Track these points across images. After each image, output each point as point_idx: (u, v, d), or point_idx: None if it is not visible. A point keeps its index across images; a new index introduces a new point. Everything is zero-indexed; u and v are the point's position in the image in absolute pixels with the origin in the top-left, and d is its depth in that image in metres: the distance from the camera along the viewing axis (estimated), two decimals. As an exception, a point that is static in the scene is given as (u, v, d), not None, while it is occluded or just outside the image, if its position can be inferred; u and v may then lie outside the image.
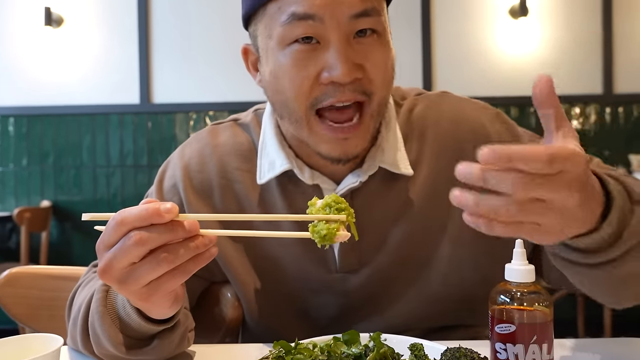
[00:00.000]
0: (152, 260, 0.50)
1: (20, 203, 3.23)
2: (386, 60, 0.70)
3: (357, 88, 0.67)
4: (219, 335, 0.84)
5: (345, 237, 0.52)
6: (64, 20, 3.23)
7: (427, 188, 0.76)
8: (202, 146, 0.82)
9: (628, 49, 3.17)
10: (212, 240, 0.52)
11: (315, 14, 0.65)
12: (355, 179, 0.74)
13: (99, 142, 3.23)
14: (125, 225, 0.50)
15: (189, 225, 0.51)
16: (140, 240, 0.49)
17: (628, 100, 3.17)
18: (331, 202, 0.53)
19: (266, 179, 0.76)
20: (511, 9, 3.16)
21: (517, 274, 0.55)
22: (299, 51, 0.67)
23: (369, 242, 0.76)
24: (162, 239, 0.50)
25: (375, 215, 0.76)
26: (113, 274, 0.51)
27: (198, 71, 3.22)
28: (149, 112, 3.22)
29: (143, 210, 0.50)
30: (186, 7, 3.23)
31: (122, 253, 0.50)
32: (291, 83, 0.68)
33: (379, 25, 0.68)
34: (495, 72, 3.17)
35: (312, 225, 0.52)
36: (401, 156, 0.76)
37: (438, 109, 0.80)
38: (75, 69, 3.24)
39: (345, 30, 0.66)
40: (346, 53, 0.65)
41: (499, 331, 0.55)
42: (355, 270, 0.76)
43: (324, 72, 0.66)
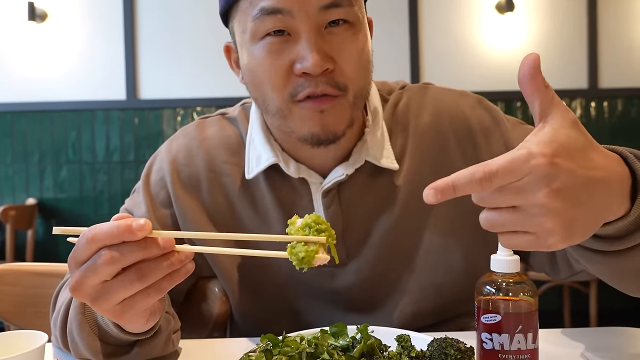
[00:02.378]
0: (124, 278, 0.49)
1: (5, 201, 3.18)
2: (359, 50, 0.69)
3: (329, 81, 0.67)
4: (207, 330, 0.84)
5: (324, 261, 0.50)
6: (48, 15, 3.18)
7: (410, 180, 0.76)
8: (190, 140, 0.82)
9: (613, 44, 3.21)
10: (188, 257, 0.51)
11: (283, 7, 0.65)
12: (342, 172, 0.74)
13: (85, 139, 3.20)
14: (95, 242, 0.48)
15: (164, 242, 0.49)
16: (110, 259, 0.48)
17: (613, 95, 3.21)
18: (311, 222, 0.51)
19: (253, 174, 0.75)
20: (498, 4, 3.18)
21: (503, 265, 0.56)
22: (271, 43, 0.67)
23: (355, 235, 0.76)
24: (135, 257, 0.48)
25: (361, 209, 0.76)
26: (84, 291, 0.50)
27: (185, 67, 3.20)
28: (136, 108, 3.19)
29: (114, 227, 0.48)
30: (172, 2, 3.20)
31: (92, 271, 0.49)
32: (266, 75, 0.68)
33: (352, 15, 0.68)
34: (482, 67, 3.19)
35: (290, 246, 0.50)
36: (387, 150, 0.76)
37: (419, 101, 0.80)
38: (60, 64, 3.19)
39: (315, 21, 0.66)
40: (317, 43, 0.65)
41: (484, 321, 0.56)
42: (343, 264, 0.76)
43: (297, 63, 0.66)
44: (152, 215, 0.77)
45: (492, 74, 3.19)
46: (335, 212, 0.75)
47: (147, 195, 0.79)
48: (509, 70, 3.18)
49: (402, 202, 0.76)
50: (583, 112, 3.20)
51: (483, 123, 0.79)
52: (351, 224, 0.76)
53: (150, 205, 0.78)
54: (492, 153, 0.77)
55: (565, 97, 3.19)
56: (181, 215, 0.77)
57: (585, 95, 3.20)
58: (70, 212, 3.20)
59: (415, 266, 0.77)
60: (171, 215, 0.78)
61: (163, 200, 0.79)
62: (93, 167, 3.20)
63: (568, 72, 3.20)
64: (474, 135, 0.78)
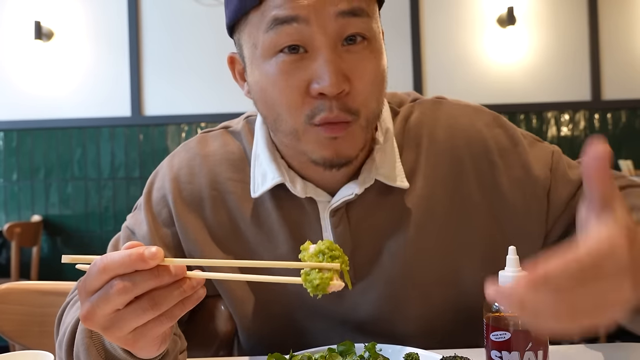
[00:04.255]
0: (137, 307, 0.48)
1: (10, 218, 3.19)
2: (375, 71, 0.66)
3: (343, 106, 0.64)
4: (213, 349, 0.83)
5: (339, 287, 0.50)
6: (54, 34, 3.22)
7: (423, 200, 0.74)
8: (192, 156, 0.79)
9: (615, 55, 3.22)
10: (199, 283, 0.50)
11: (298, 15, 0.61)
12: (351, 192, 0.71)
13: (90, 156, 3.22)
14: (107, 272, 0.48)
15: (175, 269, 0.49)
16: (123, 289, 0.47)
17: (616, 107, 3.21)
18: (325, 248, 0.50)
19: (259, 193, 0.73)
20: (499, 18, 3.20)
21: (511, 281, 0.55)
22: (285, 62, 0.63)
23: (364, 256, 0.74)
24: (147, 286, 0.48)
25: (371, 229, 0.74)
26: (96, 320, 0.49)
27: (189, 83, 3.22)
28: (141, 124, 3.21)
29: (126, 256, 0.47)
30: (177, 19, 3.24)
31: (105, 301, 0.48)
32: (280, 96, 0.65)
33: (369, 30, 0.65)
34: (485, 80, 3.20)
35: (305, 272, 0.50)
36: (398, 168, 0.73)
37: (433, 117, 0.78)
38: (65, 82, 3.23)
39: (332, 32, 0.62)
40: (334, 62, 0.62)
41: (494, 339, 0.55)
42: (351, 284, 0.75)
43: (313, 83, 0.63)
44: (154, 234, 0.76)
45: (494, 87, 3.20)
46: (343, 231, 0.73)
47: (149, 214, 0.78)
48: (512, 83, 3.19)
49: (414, 223, 0.74)
50: (587, 124, 3.20)
51: (500, 143, 0.76)
52: (360, 244, 0.73)
53: (152, 224, 0.77)
54: (509, 175, 0.75)
55: (568, 109, 3.19)
56: (183, 234, 0.76)
57: (589, 107, 3.20)
58: (76, 228, 3.20)
59: (426, 287, 0.75)
60: (173, 234, 0.77)
61: (165, 219, 0.77)
62: (98, 184, 3.22)
63: (571, 84, 3.21)
64: (491, 156, 0.75)
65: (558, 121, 3.20)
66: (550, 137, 3.18)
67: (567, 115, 3.21)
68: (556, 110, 3.19)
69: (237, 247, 0.76)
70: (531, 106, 3.18)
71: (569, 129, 3.20)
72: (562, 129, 3.20)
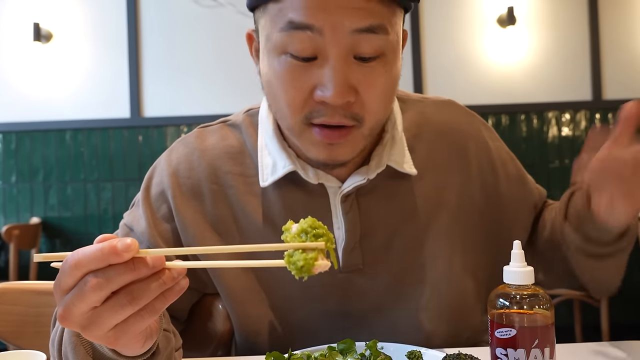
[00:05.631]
0: (115, 303, 0.45)
1: (9, 220, 3.18)
2: (386, 85, 0.66)
3: (347, 113, 0.64)
4: (211, 348, 0.82)
5: (325, 267, 0.46)
6: (53, 36, 3.21)
7: (434, 192, 0.76)
8: (190, 150, 0.79)
9: (616, 54, 3.21)
10: (180, 273, 0.47)
11: (313, 25, 0.61)
12: (362, 177, 0.72)
13: (89, 157, 3.20)
14: (79, 268, 0.45)
15: (153, 261, 0.46)
16: (97, 285, 0.44)
17: (617, 106, 3.17)
18: (307, 227, 0.47)
19: (269, 182, 0.72)
20: (499, 18, 3.19)
21: (516, 276, 0.54)
22: (293, 64, 0.63)
23: (374, 242, 0.74)
24: (123, 280, 0.45)
25: (381, 215, 0.74)
26: (73, 319, 0.46)
27: (189, 84, 3.21)
28: (140, 126, 3.20)
29: (98, 250, 0.44)
30: (176, 20, 3.23)
31: (79, 299, 0.45)
32: (284, 94, 0.65)
33: (385, 46, 0.63)
34: (485, 80, 3.19)
35: (288, 254, 0.46)
36: (406, 156, 0.75)
37: (448, 118, 0.81)
38: (64, 84, 3.21)
39: (345, 46, 0.62)
40: (342, 73, 0.61)
41: (499, 336, 0.54)
42: (359, 270, 0.74)
43: (317, 89, 0.63)
44: (152, 230, 0.75)
45: (495, 87, 3.18)
46: (354, 217, 0.73)
47: (147, 210, 0.76)
48: (512, 83, 3.17)
49: (425, 214, 0.75)
50: (588, 124, 3.19)
51: (501, 156, 0.82)
52: (370, 230, 0.74)
53: (150, 220, 0.75)
54: (509, 186, 0.81)
55: (569, 109, 3.18)
56: (183, 230, 0.75)
57: (590, 107, 3.18)
58: (75, 230, 3.19)
59: (433, 279, 0.75)
60: (172, 229, 0.76)
61: (164, 214, 0.76)
62: (97, 186, 3.20)
63: (571, 84, 3.19)
64: (495, 166, 0.80)
65: (559, 121, 3.19)
66: (551, 137, 3.17)
67: (568, 115, 3.20)
68: (557, 110, 3.18)
69: (240, 242, 0.75)
70: (532, 106, 3.16)
71: (570, 129, 3.19)
72: (563, 129, 3.18)
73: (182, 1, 3.22)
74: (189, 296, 0.79)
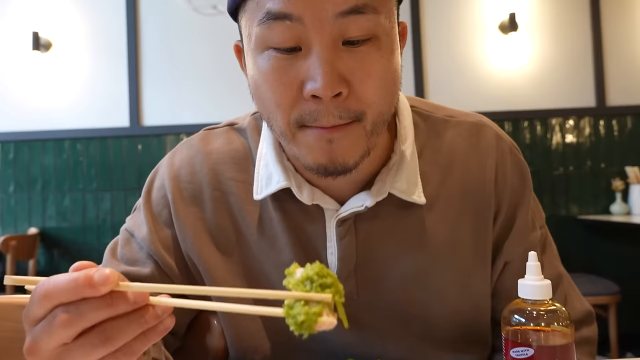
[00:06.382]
0: (85, 342, 0.40)
1: (6, 231, 3.14)
2: (383, 69, 0.57)
3: (342, 112, 0.56)
4: (206, 366, 0.78)
5: (329, 326, 0.39)
6: (52, 45, 3.20)
7: (444, 225, 0.68)
8: (193, 153, 0.74)
9: (619, 60, 3.18)
10: (165, 311, 0.41)
11: (291, 13, 0.54)
12: (361, 203, 0.64)
13: (88, 167, 3.17)
14: (49, 299, 0.40)
15: (135, 296, 0.40)
16: (67, 321, 0.39)
17: (621, 112, 3.16)
18: (313, 274, 0.40)
19: (262, 196, 0.68)
20: (501, 25, 3.17)
21: (532, 291, 0.50)
22: (277, 58, 0.57)
23: (370, 272, 0.68)
24: (97, 317, 0.39)
25: (382, 243, 0.68)
26: (41, 355, 0.41)
27: (188, 93, 3.19)
28: (139, 134, 3.17)
29: (72, 282, 0.39)
30: (175, 28, 3.21)
31: (47, 334, 0.40)
32: (272, 93, 0.58)
33: (376, 28, 0.56)
34: (487, 87, 3.16)
35: (287, 305, 0.39)
36: (416, 182, 0.67)
37: (472, 143, 0.71)
38: (63, 93, 3.19)
39: (330, 32, 0.55)
40: (329, 60, 0.54)
41: (514, 355, 0.50)
42: (352, 300, 0.68)
43: (307, 83, 0.56)
44: (154, 236, 0.71)
45: (497, 94, 3.16)
46: (349, 243, 0.67)
47: (149, 215, 0.72)
48: (515, 90, 3.14)
49: (431, 247, 0.68)
50: (592, 130, 3.15)
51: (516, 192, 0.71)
52: (367, 258, 0.67)
53: (152, 226, 0.71)
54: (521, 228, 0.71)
55: (573, 115, 3.15)
56: (182, 235, 0.71)
57: (594, 113, 3.15)
58: (73, 241, 3.15)
59: (435, 317, 0.69)
60: (173, 236, 0.72)
61: (166, 219, 0.72)
62: (96, 195, 3.17)
63: (575, 90, 3.16)
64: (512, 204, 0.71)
65: (563, 128, 3.15)
66: (555, 144, 3.13)
67: (572, 122, 3.16)
68: (560, 116, 3.14)
69: (239, 252, 0.70)
70: (535, 113, 3.13)
71: (573, 136, 3.15)
72: (566, 135, 3.15)
73: (182, 9, 3.21)
74: (189, 311, 0.75)
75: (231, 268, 0.70)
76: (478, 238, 0.70)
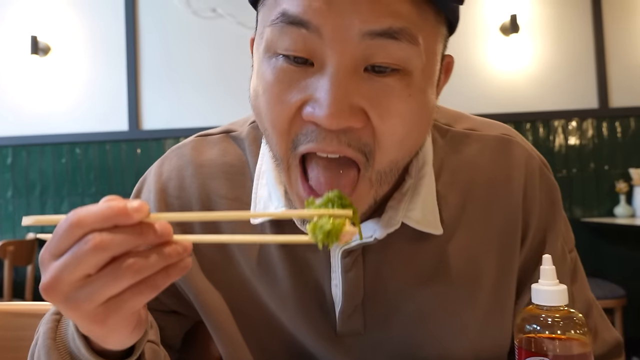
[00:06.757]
0: (113, 270, 0.38)
1: (4, 236, 3.11)
2: (410, 113, 0.48)
3: (352, 140, 0.48)
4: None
5: (353, 234, 0.41)
6: (50, 49, 3.18)
7: (464, 255, 0.61)
8: (184, 164, 0.67)
9: (622, 61, 3.15)
10: (186, 250, 0.41)
11: (310, 20, 0.46)
12: (370, 234, 0.57)
13: (87, 171, 3.15)
14: (82, 227, 0.38)
15: (162, 228, 0.39)
16: (101, 244, 0.38)
17: (625, 114, 3.13)
18: (334, 197, 0.43)
19: (259, 221, 0.61)
20: (502, 26, 3.15)
21: (547, 296, 0.47)
22: (284, 69, 0.48)
23: (380, 306, 0.61)
24: (128, 244, 0.38)
25: (393, 276, 0.61)
26: (61, 289, 0.39)
27: (188, 97, 3.17)
28: (138, 139, 3.15)
29: (106, 208, 0.38)
30: (175, 32, 3.19)
31: (75, 261, 0.38)
32: (269, 109, 0.50)
33: (409, 60, 0.47)
34: (489, 89, 3.13)
35: (313, 223, 0.41)
36: (433, 211, 0.59)
37: (496, 160, 0.62)
38: (62, 97, 3.17)
39: (352, 53, 0.46)
40: (343, 88, 0.46)
41: (529, 365, 0.47)
42: (359, 335, 0.62)
43: (308, 104, 0.47)
44: None
45: (499, 96, 3.13)
46: (356, 277, 0.59)
47: None
48: (517, 91, 3.12)
49: (449, 281, 0.60)
50: (595, 132, 3.12)
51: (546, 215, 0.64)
52: (376, 292, 0.60)
53: None
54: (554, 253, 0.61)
55: (575, 117, 3.12)
56: None
57: (596, 115, 3.12)
58: (72, 246, 3.12)
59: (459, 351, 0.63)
60: None
61: None
62: (95, 200, 3.12)
63: (577, 92, 3.14)
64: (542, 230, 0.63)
65: (565, 130, 3.12)
66: (557, 146, 3.10)
67: (575, 124, 3.13)
68: (563, 118, 3.12)
69: (229, 279, 0.64)
70: (537, 115, 3.11)
71: (576, 138, 3.13)
72: (569, 137, 3.12)
73: (181, 12, 3.19)
74: (181, 322, 0.71)
75: (225, 297, 0.64)
76: (502, 269, 0.62)
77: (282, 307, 0.63)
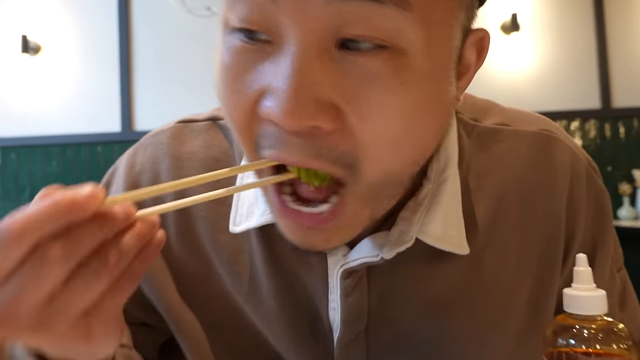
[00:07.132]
0: (85, 275, 0.31)
1: (-7, 240, 3.04)
2: (402, 106, 0.36)
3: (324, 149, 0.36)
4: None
5: None
6: (41, 48, 3.11)
7: (492, 278, 0.50)
8: (159, 156, 0.57)
9: (624, 61, 3.10)
10: (155, 223, 0.34)
11: None
12: (376, 252, 0.46)
13: (78, 174, 3.07)
14: (26, 236, 0.29)
15: (124, 210, 0.32)
16: (63, 253, 0.29)
17: (628, 114, 3.08)
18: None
19: (241, 228, 0.51)
20: (503, 25, 3.09)
21: (583, 304, 0.40)
22: (237, 49, 0.38)
23: (387, 334, 0.51)
24: (94, 240, 0.31)
25: (403, 303, 0.50)
26: (23, 316, 0.30)
27: (182, 97, 3.10)
28: (131, 140, 3.07)
29: (51, 207, 0.30)
30: (169, 31, 3.13)
31: (35, 281, 0.29)
32: (224, 98, 0.40)
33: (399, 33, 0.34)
34: (490, 88, 3.08)
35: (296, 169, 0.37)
36: (458, 224, 0.48)
37: (535, 162, 0.51)
38: (53, 97, 3.10)
39: (316, 23, 0.34)
40: (308, 73, 0.34)
41: (562, 386, 0.40)
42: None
43: (264, 97, 0.37)
44: None
45: (500, 96, 3.06)
46: (358, 302, 0.49)
47: None
48: (518, 91, 3.06)
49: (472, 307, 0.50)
50: (597, 132, 3.07)
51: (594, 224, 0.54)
52: (383, 318, 0.50)
53: None
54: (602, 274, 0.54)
55: (578, 118, 3.07)
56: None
57: (599, 115, 3.07)
58: (62, 250, 3.05)
59: None
60: None
61: None
62: (86, 203, 3.07)
63: (579, 92, 3.08)
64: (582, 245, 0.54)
65: (567, 130, 3.07)
66: (559, 147, 3.05)
67: (577, 124, 3.08)
68: (565, 119, 3.06)
69: (208, 294, 0.54)
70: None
71: (579, 138, 3.07)
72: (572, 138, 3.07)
73: (175, 11, 3.13)
74: (153, 336, 0.62)
75: (202, 312, 0.55)
76: (539, 292, 0.52)
77: (268, 327, 0.54)
